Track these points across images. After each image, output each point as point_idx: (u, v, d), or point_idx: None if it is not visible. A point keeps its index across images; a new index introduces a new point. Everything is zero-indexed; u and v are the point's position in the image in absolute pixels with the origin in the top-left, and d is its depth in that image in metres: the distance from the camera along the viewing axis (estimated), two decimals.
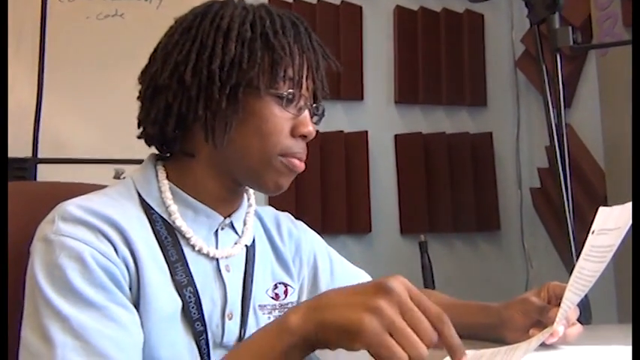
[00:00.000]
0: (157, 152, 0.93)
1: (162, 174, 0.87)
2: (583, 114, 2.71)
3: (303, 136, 0.86)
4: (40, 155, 2.28)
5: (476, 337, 0.97)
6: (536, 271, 2.71)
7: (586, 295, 1.34)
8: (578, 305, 0.95)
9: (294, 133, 0.85)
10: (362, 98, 2.70)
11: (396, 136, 2.75)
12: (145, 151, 0.93)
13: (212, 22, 0.84)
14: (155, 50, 0.89)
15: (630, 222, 0.74)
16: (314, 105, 0.90)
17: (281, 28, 0.85)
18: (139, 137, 0.90)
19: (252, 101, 0.83)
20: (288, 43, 0.84)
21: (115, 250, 0.77)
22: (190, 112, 0.83)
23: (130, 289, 0.78)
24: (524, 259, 2.79)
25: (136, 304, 0.78)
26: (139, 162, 0.92)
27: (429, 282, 1.93)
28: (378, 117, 2.73)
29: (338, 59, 0.93)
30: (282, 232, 1.02)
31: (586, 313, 1.33)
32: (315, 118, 0.90)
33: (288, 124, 0.85)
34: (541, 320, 0.90)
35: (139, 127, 0.90)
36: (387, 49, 2.79)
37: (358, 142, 2.65)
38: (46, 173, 2.24)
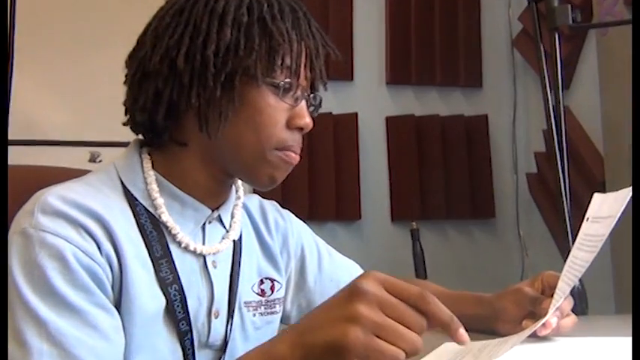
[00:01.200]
0: (139, 138, 0.91)
1: (147, 163, 0.86)
2: (582, 96, 2.72)
3: (300, 128, 0.86)
4: (9, 137, 2.26)
5: (468, 329, 0.98)
6: (532, 260, 2.73)
7: (582, 286, 1.36)
8: (574, 296, 0.97)
9: (290, 124, 0.85)
10: (351, 78, 2.70)
11: (387, 118, 2.75)
12: (123, 133, 0.92)
13: (206, 4, 0.83)
14: (144, 32, 0.88)
15: (621, 210, 0.74)
16: (311, 95, 0.89)
17: (279, 13, 0.84)
18: (124, 124, 0.89)
19: (247, 90, 0.82)
20: (287, 29, 0.83)
21: (99, 247, 0.76)
22: (182, 100, 0.82)
23: (113, 287, 0.77)
24: (519, 248, 2.82)
25: (118, 304, 0.78)
26: (116, 145, 0.91)
27: (420, 271, 1.94)
28: (368, 98, 2.72)
29: (328, 37, 0.93)
30: (268, 224, 1.02)
31: (582, 303, 1.35)
32: (312, 109, 0.90)
33: (284, 116, 0.84)
34: (534, 311, 0.91)
35: (125, 114, 0.88)
36: (378, 25, 2.78)
37: (347, 124, 2.65)
38: (15, 156, 2.21)
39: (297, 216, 1.10)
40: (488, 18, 2.93)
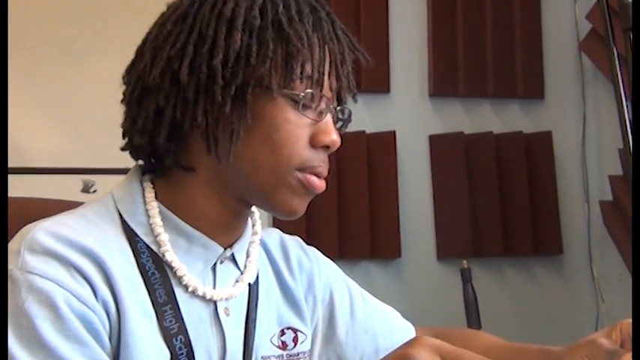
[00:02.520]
0: (140, 163, 0.93)
1: (149, 193, 0.87)
2: None
3: (326, 147, 0.86)
4: None
5: None
6: (609, 305, 2.69)
7: None
8: None
9: (313, 142, 0.85)
10: (388, 90, 2.71)
11: (430, 137, 2.75)
12: (119, 158, 0.94)
13: (213, 7, 0.84)
14: (143, 43, 0.89)
15: None
16: (338, 108, 0.90)
17: (297, 14, 0.84)
18: (122, 149, 0.90)
19: (262, 104, 0.83)
20: (306, 32, 0.84)
21: (94, 291, 0.77)
22: (187, 118, 0.83)
23: (110, 338, 0.78)
24: (593, 290, 2.77)
25: (116, 358, 0.78)
26: (112, 172, 0.93)
27: (473, 319, 1.92)
28: (408, 113, 2.73)
29: (359, 42, 0.94)
30: (291, 264, 1.02)
31: None
32: (340, 124, 0.90)
33: (306, 132, 0.85)
34: None
35: (123, 137, 0.90)
36: (419, 28, 2.80)
37: (384, 144, 2.65)
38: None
39: (324, 254, 1.10)
40: (551, 17, 2.93)
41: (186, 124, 0.83)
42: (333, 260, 1.11)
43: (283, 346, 0.96)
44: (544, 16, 2.92)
